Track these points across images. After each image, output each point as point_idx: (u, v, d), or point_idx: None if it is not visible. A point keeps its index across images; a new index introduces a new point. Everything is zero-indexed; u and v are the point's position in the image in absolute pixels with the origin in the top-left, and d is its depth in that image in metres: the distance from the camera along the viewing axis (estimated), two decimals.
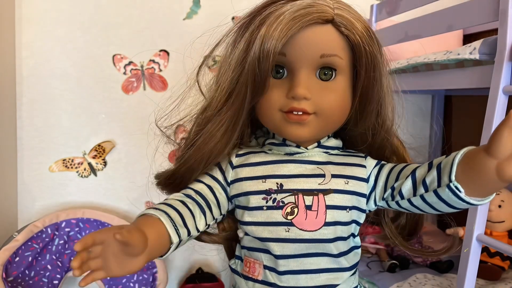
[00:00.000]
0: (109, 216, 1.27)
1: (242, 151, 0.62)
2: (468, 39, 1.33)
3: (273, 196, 0.56)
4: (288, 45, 0.52)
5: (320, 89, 0.54)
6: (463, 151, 0.47)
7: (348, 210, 0.57)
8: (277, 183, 0.57)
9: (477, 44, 0.81)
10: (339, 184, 0.57)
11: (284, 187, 0.57)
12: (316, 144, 0.60)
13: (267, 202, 0.56)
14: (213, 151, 0.57)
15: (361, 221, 0.60)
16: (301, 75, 0.54)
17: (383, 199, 0.58)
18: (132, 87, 1.36)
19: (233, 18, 1.39)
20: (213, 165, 0.61)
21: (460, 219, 0.81)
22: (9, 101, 1.25)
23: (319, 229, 0.55)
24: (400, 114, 0.63)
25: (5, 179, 1.24)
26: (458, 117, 1.51)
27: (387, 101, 0.59)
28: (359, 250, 0.62)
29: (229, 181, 0.60)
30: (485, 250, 1.09)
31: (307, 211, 0.55)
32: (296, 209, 0.56)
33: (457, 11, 0.87)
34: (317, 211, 0.56)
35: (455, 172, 0.46)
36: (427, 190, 0.51)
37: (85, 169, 1.35)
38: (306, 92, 0.53)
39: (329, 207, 0.56)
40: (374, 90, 0.55)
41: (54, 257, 1.20)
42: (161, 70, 1.37)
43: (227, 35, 0.57)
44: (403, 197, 0.55)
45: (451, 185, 0.47)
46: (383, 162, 0.61)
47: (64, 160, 1.34)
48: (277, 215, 0.56)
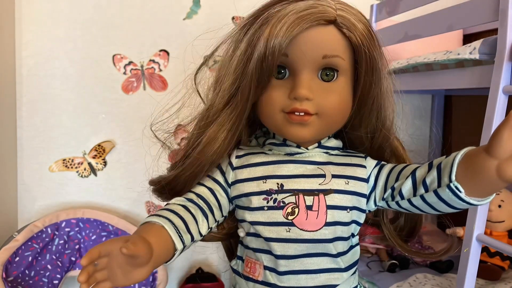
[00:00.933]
0: (109, 216, 1.27)
1: (242, 152, 0.61)
2: (468, 39, 1.33)
3: (274, 196, 0.56)
4: (290, 45, 0.52)
5: (322, 90, 0.54)
6: (464, 151, 0.47)
7: (348, 210, 0.57)
8: (278, 184, 0.57)
9: (477, 44, 0.81)
10: (340, 184, 0.57)
11: (284, 187, 0.56)
12: (316, 144, 0.60)
13: (268, 202, 0.56)
14: (216, 154, 0.57)
15: (361, 221, 0.60)
16: (303, 76, 0.54)
17: (383, 199, 0.58)
18: (132, 87, 1.36)
19: (233, 18, 1.39)
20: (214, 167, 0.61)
21: (460, 219, 0.81)
22: (9, 101, 1.25)
23: (319, 229, 0.55)
24: (400, 114, 0.63)
25: (5, 179, 1.24)
26: (458, 117, 1.51)
27: (387, 103, 0.59)
28: (358, 249, 0.62)
29: (230, 183, 0.60)
30: (485, 250, 1.09)
31: (308, 211, 0.55)
32: (296, 209, 0.56)
33: (457, 11, 0.87)
34: (318, 211, 0.56)
35: (455, 172, 0.46)
36: (427, 190, 0.51)
37: (85, 169, 1.35)
38: (308, 92, 0.53)
39: (330, 207, 0.56)
40: (373, 91, 0.56)
41: (54, 257, 1.20)
42: (161, 70, 1.37)
43: (229, 37, 0.57)
44: (403, 197, 0.55)
45: (451, 185, 0.47)
46: (383, 162, 0.61)
47: (64, 160, 1.34)
48: (277, 215, 0.56)
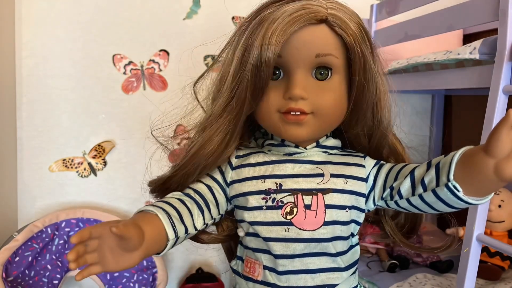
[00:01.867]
0: (109, 216, 1.27)
1: (241, 152, 0.62)
2: (468, 39, 1.33)
3: (273, 196, 0.56)
4: (283, 46, 0.52)
5: (316, 89, 0.54)
6: (462, 150, 0.47)
7: (347, 209, 0.57)
8: (276, 183, 0.57)
9: (477, 44, 0.81)
10: (338, 183, 0.57)
11: (283, 187, 0.57)
12: (315, 144, 0.60)
13: (266, 202, 0.56)
14: (210, 156, 0.57)
15: (361, 221, 0.60)
16: (297, 76, 0.54)
17: (382, 198, 0.58)
18: (132, 87, 1.36)
19: (233, 18, 1.39)
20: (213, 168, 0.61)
21: (460, 219, 0.81)
22: (9, 101, 1.25)
23: (318, 228, 0.55)
24: (399, 114, 0.63)
25: (5, 179, 1.24)
26: (458, 117, 1.51)
27: (383, 101, 0.59)
28: (357, 248, 0.62)
29: (229, 182, 0.60)
30: (485, 250, 1.09)
31: (306, 210, 0.55)
32: (295, 209, 0.56)
33: (457, 11, 0.87)
34: (316, 210, 0.56)
35: (454, 171, 0.46)
36: (425, 189, 0.51)
37: (85, 169, 1.35)
38: (302, 92, 0.53)
39: (328, 207, 0.56)
40: (367, 90, 0.56)
41: (54, 257, 1.20)
42: (161, 70, 1.37)
43: (227, 46, 0.57)
44: (401, 197, 0.55)
45: (450, 184, 0.47)
46: (382, 162, 0.61)
47: (64, 160, 1.34)
48: (276, 215, 0.56)
